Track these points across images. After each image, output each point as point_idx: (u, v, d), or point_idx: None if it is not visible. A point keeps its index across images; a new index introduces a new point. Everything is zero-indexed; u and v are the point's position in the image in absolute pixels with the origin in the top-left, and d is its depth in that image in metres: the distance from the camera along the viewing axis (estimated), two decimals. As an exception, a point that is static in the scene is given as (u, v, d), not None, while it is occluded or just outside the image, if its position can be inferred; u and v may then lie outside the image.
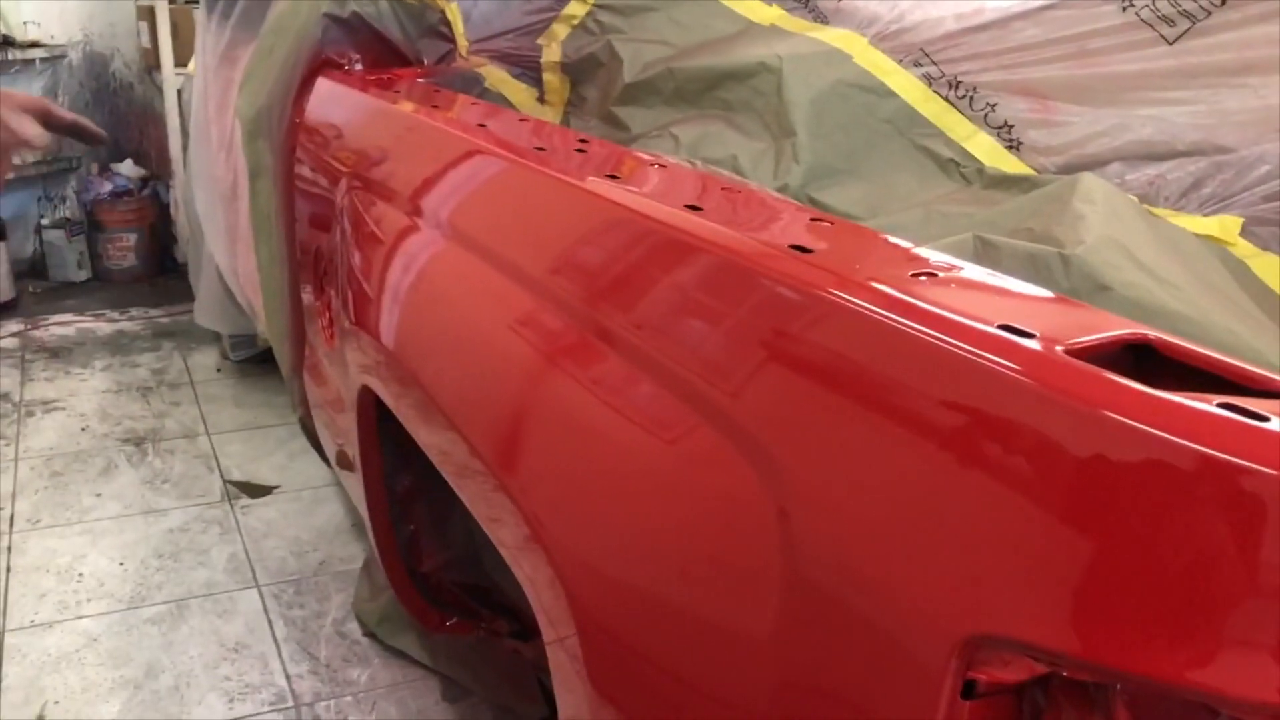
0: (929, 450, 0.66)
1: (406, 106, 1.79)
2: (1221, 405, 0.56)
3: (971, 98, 1.81)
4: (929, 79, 1.82)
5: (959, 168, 1.72)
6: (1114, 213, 1.39)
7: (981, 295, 0.77)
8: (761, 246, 0.88)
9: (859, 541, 0.71)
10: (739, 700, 0.84)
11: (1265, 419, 0.55)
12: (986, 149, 1.73)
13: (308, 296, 2.12)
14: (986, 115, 1.78)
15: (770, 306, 0.82)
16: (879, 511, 0.69)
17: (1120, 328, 0.67)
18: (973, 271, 0.81)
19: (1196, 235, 1.44)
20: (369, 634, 2.30)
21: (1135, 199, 1.51)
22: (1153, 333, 0.67)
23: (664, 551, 0.93)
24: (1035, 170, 1.66)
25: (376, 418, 1.73)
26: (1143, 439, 0.55)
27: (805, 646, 0.75)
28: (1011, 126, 1.76)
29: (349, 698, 2.13)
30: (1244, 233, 1.44)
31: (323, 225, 1.97)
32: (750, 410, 0.82)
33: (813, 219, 0.97)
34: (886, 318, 0.72)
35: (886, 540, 0.68)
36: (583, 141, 1.35)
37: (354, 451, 1.84)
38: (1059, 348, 0.64)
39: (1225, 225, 1.45)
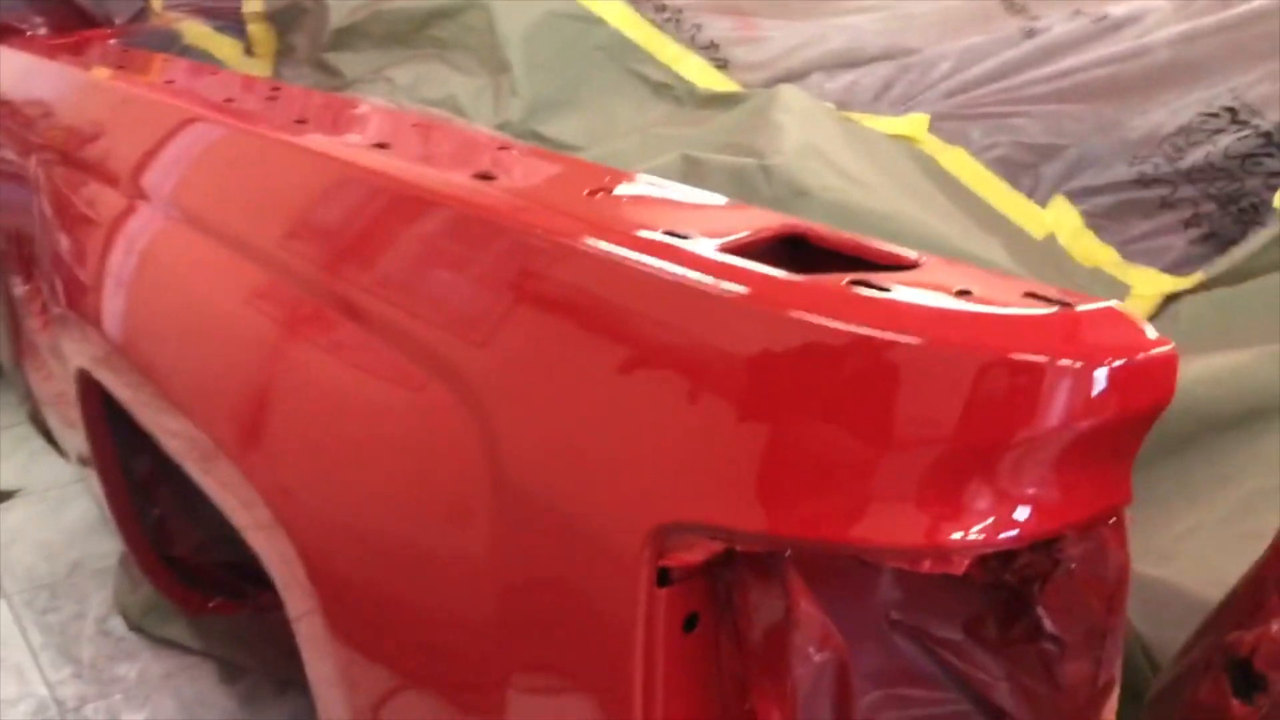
0: (606, 354, 0.68)
1: (97, 73, 1.68)
2: (851, 282, 0.60)
3: (678, 20, 1.85)
4: (636, 4, 1.84)
5: (671, 90, 1.75)
6: (810, 121, 1.45)
7: (652, 207, 0.79)
8: (445, 177, 0.88)
9: (555, 453, 0.73)
10: (471, 621, 0.85)
11: (887, 289, 0.59)
12: (696, 69, 1.76)
13: (17, 284, 1.98)
14: (694, 36, 1.82)
15: (455, 233, 0.82)
16: (569, 420, 0.71)
17: (775, 223, 0.71)
18: (645, 186, 0.83)
19: (889, 135, 1.52)
20: (135, 628, 2.19)
21: (833, 106, 1.58)
22: (803, 224, 0.70)
23: (392, 502, 0.93)
24: (743, 86, 1.71)
25: (104, 404, 1.64)
26: (782, 320, 0.58)
27: (520, 558, 0.77)
28: (718, 45, 1.80)
29: (119, 695, 2.04)
30: (931, 129, 1.53)
31: (21, 206, 1.84)
32: (446, 337, 0.82)
33: (500, 147, 0.98)
34: (558, 235, 0.73)
35: (578, 446, 0.70)
36: (274, 89, 1.30)
37: (85, 442, 1.74)
38: (714, 246, 0.67)
39: (914, 123, 1.53)
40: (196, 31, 2.01)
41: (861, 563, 0.64)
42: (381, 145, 0.96)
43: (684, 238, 0.68)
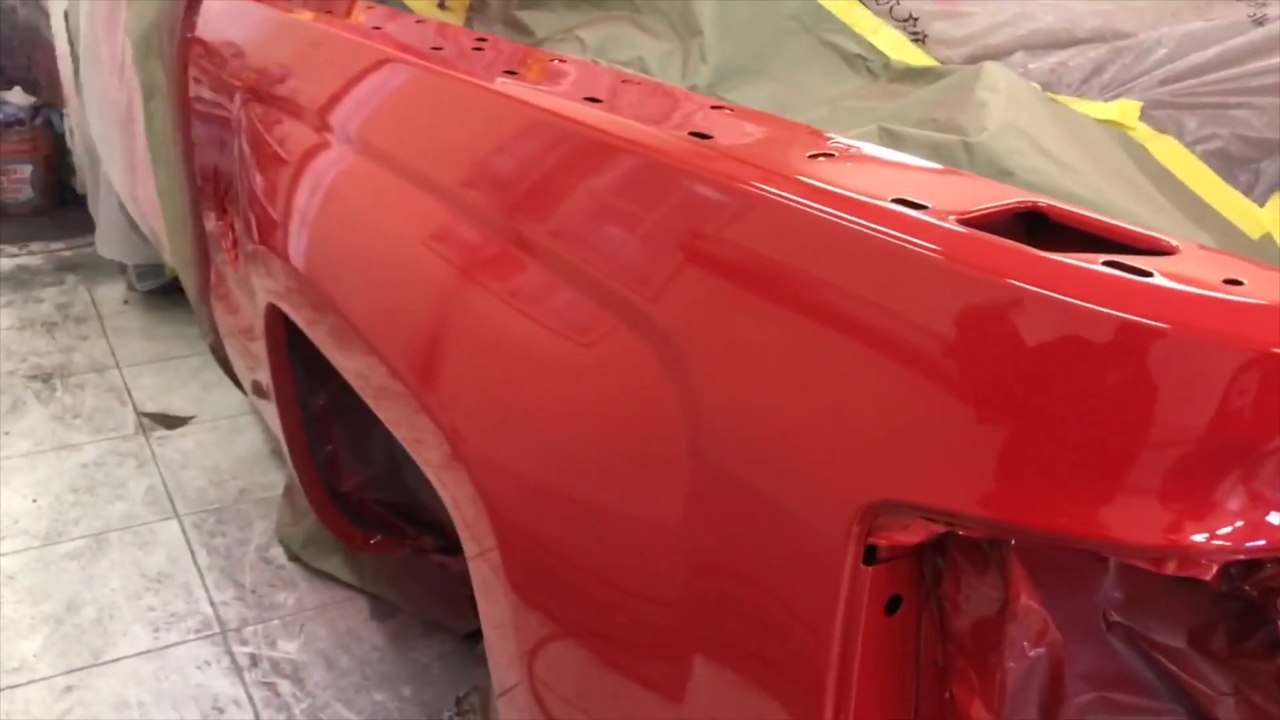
0: (826, 325, 0.66)
1: (300, 15, 1.73)
2: (1107, 264, 0.57)
3: (877, -9, 1.80)
4: (833, -27, 1.80)
5: (865, 62, 1.71)
6: (1016, 100, 1.40)
7: (877, 172, 0.77)
8: (661, 134, 0.87)
9: (761, 421, 0.71)
10: (656, 590, 0.85)
11: (1148, 274, 0.55)
12: (892, 42, 1.72)
13: (210, 220, 2.06)
14: (892, 9, 1.77)
15: (670, 192, 0.81)
16: (779, 390, 0.70)
17: (1011, 196, 0.68)
18: (869, 150, 0.80)
19: (1097, 120, 1.46)
20: (294, 558, 2.28)
21: (1038, 86, 1.52)
22: (1043, 200, 0.67)
23: (580, 456, 0.93)
24: (940, 62, 1.66)
25: (287, 339, 1.70)
26: (1033, 300, 0.56)
27: (714, 529, 0.76)
28: (916, 19, 1.75)
29: (276, 621, 2.12)
30: (1143, 116, 1.46)
31: (222, 145, 1.91)
32: (653, 298, 0.81)
33: (713, 106, 0.96)
34: (783, 197, 0.71)
35: (787, 417, 0.69)
36: (480, 40, 1.31)
37: (266, 375, 1.80)
38: (952, 217, 0.64)
39: (1125, 109, 1.46)
40: (394, -18, 2.04)
41: (1084, 557, 0.61)
42: (594, 100, 0.96)
43: (919, 207, 0.66)
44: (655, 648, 0.85)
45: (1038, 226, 0.68)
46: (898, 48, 1.71)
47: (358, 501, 1.92)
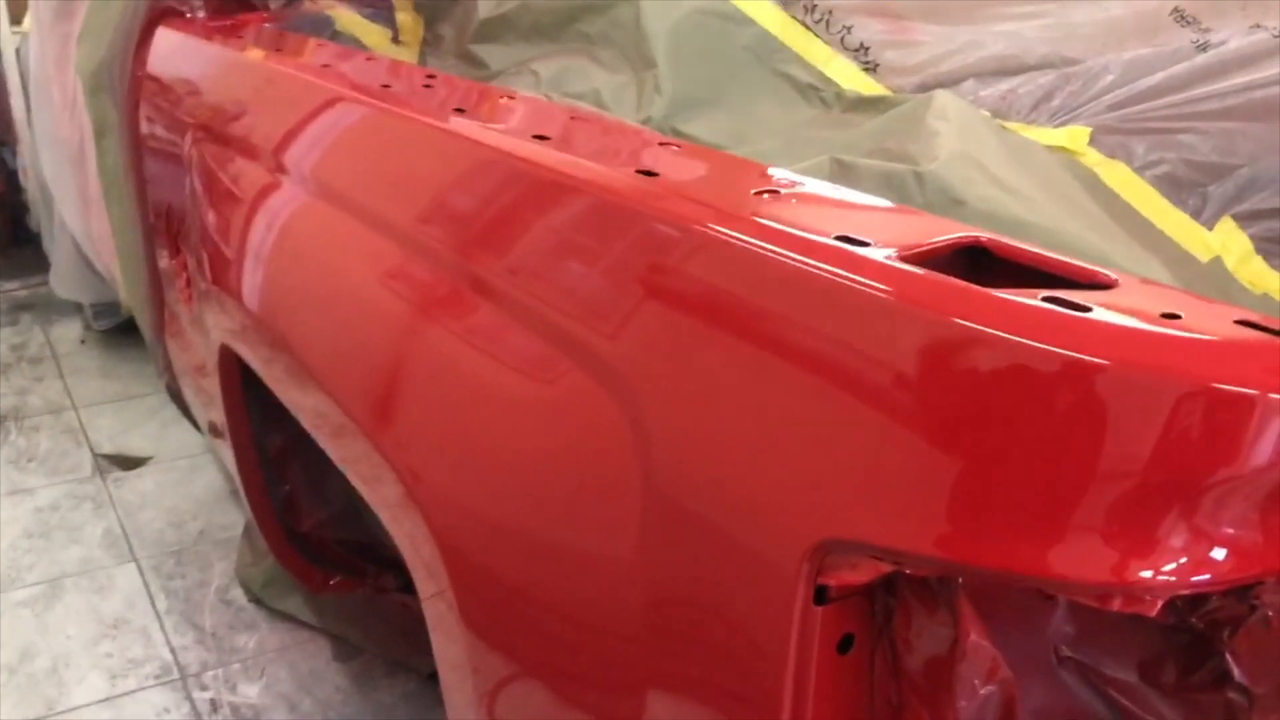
0: (772, 362, 0.66)
1: (250, 52, 1.72)
2: (1046, 299, 0.57)
3: (828, 21, 1.81)
4: (785, 3, 1.81)
5: (818, 92, 1.72)
6: (967, 128, 1.41)
7: (821, 209, 0.77)
8: (607, 172, 0.87)
9: (713, 459, 0.71)
10: (612, 628, 0.84)
11: (1087, 309, 0.55)
12: (845, 72, 1.73)
13: (163, 258, 2.04)
14: (843, 38, 1.79)
15: (616, 230, 0.81)
16: (728, 426, 0.69)
17: (954, 232, 0.68)
18: (815, 186, 0.80)
19: (1047, 147, 1.47)
20: (254, 599, 2.25)
21: (988, 114, 1.53)
22: (985, 234, 0.67)
23: (535, 495, 0.92)
24: (892, 91, 1.67)
25: (241, 378, 1.68)
26: (973, 336, 0.56)
27: (669, 566, 0.75)
28: (868, 48, 1.76)
29: (237, 665, 2.09)
30: (1092, 142, 1.47)
31: (174, 182, 1.89)
32: (602, 335, 0.80)
33: (661, 143, 0.96)
34: (728, 235, 0.71)
35: (737, 455, 0.68)
36: (430, 77, 1.31)
37: (221, 415, 1.78)
38: (893, 254, 0.64)
39: (1074, 135, 1.47)
40: (347, 18, 2.04)
41: (1034, 593, 0.60)
42: (541, 137, 0.96)
43: (861, 244, 0.66)
44: (612, 685, 0.84)
45: (981, 261, 0.68)
46: (850, 77, 1.72)
47: (316, 541, 1.89)
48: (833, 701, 0.66)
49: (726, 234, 0.71)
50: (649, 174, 0.83)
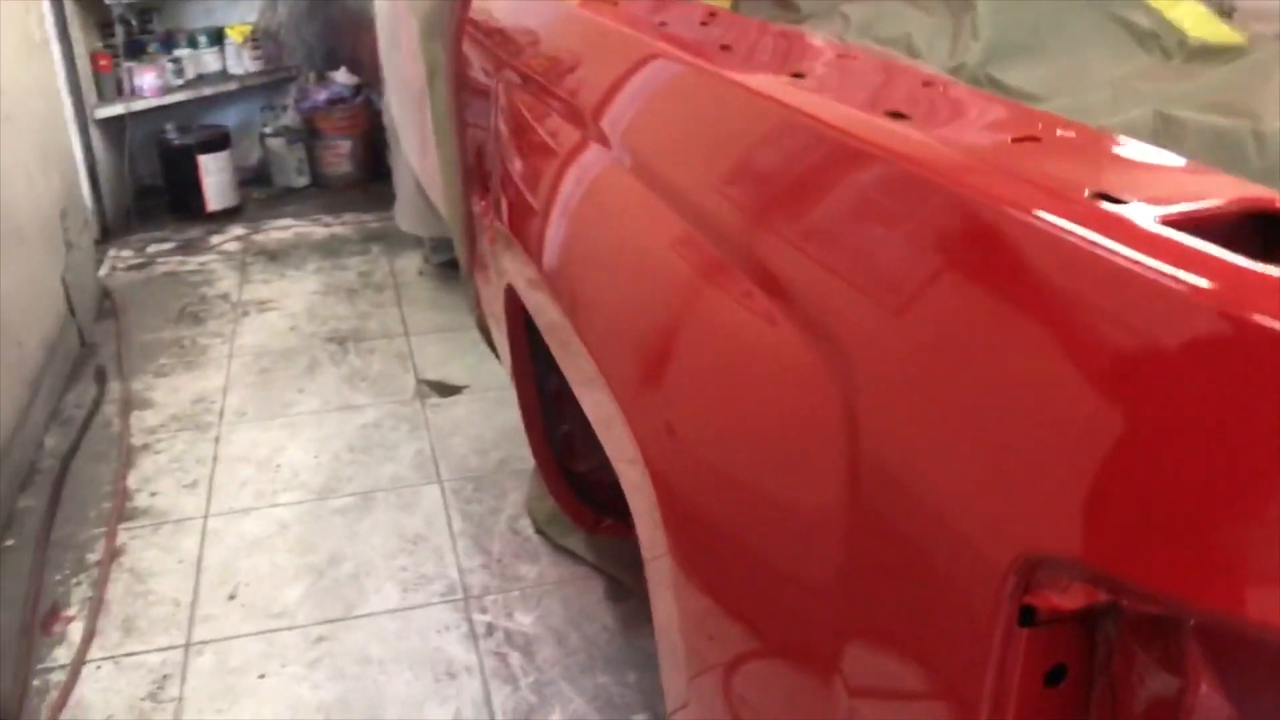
0: (992, 336, 0.56)
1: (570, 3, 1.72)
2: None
3: (1181, -42, 1.60)
4: (1129, -61, 1.61)
5: (1158, 40, 1.53)
6: (1330, 83, 1.20)
7: (1088, 161, 0.65)
8: (849, 114, 0.78)
9: (915, 441, 0.62)
10: (808, 598, 0.78)
11: (1392, 298, 0.42)
12: (1193, 17, 1.52)
13: (475, 199, 2.11)
14: (1199, -24, 1.57)
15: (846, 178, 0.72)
16: (937, 407, 0.60)
17: (1242, 194, 0.55)
18: (1087, 137, 0.68)
19: None
20: (539, 531, 2.32)
21: (1366, 68, 1.30)
22: (1283, 199, 0.54)
23: (755, 472, 0.87)
24: (1249, 38, 1.46)
25: (525, 319, 1.71)
26: (1237, 323, 0.44)
27: (865, 546, 0.67)
28: (1228, -10, 1.54)
29: (516, 593, 2.16)
30: None
31: (486, 125, 1.94)
32: (827, 300, 0.73)
33: (924, 84, 0.86)
34: (965, 189, 0.61)
35: (942, 440, 0.59)
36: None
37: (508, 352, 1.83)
38: (1155, 216, 0.53)
39: None
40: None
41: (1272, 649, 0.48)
42: (798, 75, 0.88)
43: (1118, 202, 0.54)
44: (809, 660, 0.78)
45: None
46: (1199, 23, 1.51)
47: (592, 483, 1.92)
48: (1036, 736, 0.56)
49: (964, 188, 0.61)
50: (898, 116, 0.74)
